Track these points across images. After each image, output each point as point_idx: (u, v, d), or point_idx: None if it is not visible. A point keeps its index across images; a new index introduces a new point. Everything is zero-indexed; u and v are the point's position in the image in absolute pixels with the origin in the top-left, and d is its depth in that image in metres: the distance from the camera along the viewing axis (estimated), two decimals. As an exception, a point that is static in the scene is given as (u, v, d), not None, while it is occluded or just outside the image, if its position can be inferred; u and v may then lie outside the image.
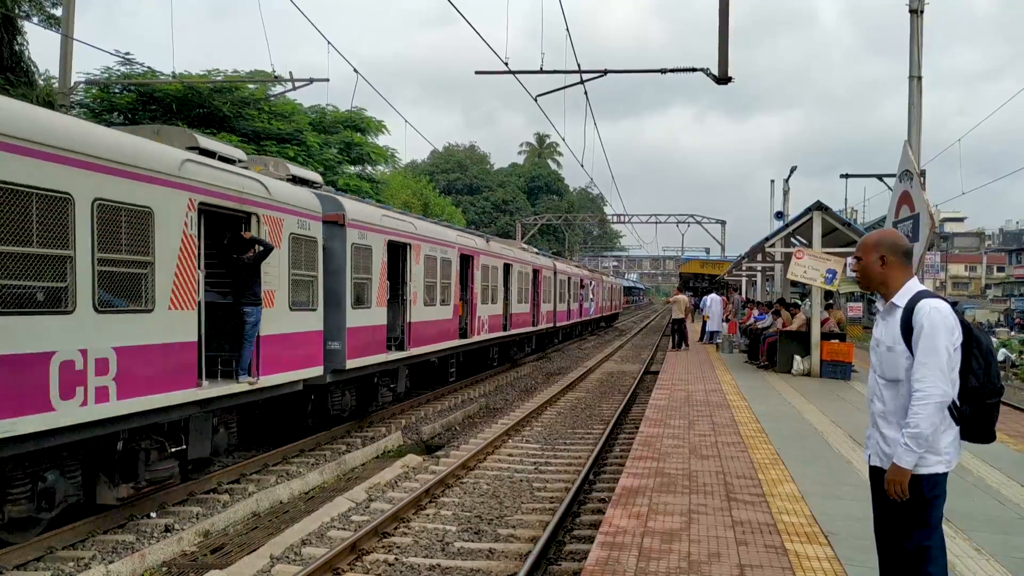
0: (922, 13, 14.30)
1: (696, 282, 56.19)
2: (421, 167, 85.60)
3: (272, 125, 26.59)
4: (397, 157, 36.35)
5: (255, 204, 10.28)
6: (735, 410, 12.62)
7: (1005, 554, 5.82)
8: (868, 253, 4.08)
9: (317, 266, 11.99)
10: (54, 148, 7.01)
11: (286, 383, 11.17)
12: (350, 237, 12.96)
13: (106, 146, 7.72)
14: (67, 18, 18.48)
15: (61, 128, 7.28)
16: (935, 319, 3.80)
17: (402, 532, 8.40)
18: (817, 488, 7.69)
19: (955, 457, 3.92)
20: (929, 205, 12.76)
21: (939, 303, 3.87)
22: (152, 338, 8.30)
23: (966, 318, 3.98)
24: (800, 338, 18.32)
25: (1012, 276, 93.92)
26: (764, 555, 5.75)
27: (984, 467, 8.62)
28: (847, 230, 18.97)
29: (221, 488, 10.07)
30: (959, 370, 3.87)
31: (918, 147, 14.12)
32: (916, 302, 3.90)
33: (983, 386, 3.85)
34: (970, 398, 3.87)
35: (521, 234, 61.90)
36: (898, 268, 4.04)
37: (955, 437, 3.91)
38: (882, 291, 4.10)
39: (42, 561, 7.40)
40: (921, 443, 3.77)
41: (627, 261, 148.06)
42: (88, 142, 7.49)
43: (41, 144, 6.89)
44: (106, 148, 7.69)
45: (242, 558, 7.50)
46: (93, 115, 24.44)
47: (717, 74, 15.50)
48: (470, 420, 16.10)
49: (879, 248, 4.05)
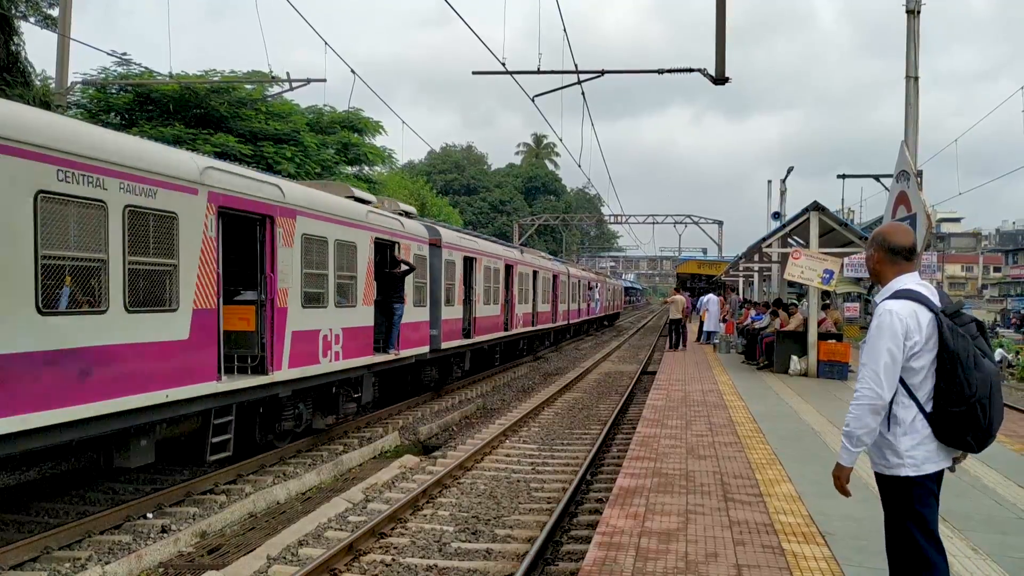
0: (919, 14, 14.32)
1: (693, 282, 56.22)
2: (418, 167, 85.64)
3: (269, 125, 26.57)
4: (394, 157, 36.30)
5: (399, 236, 15.11)
6: (732, 410, 12.62)
7: (1003, 554, 5.82)
8: (867, 248, 4.13)
9: (427, 275, 16.93)
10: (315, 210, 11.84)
11: (410, 356, 15.97)
12: (444, 255, 18.03)
13: (338, 204, 12.72)
14: (64, 18, 18.46)
15: (301, 193, 11.70)
16: (883, 321, 3.79)
17: (399, 533, 8.40)
18: (814, 488, 7.69)
19: (928, 462, 3.84)
20: (926, 205, 12.77)
21: (897, 304, 3.81)
22: (351, 322, 12.96)
23: (967, 315, 3.90)
24: (797, 338, 18.34)
25: (1008, 276, 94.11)
26: (761, 555, 5.75)
27: (981, 467, 8.62)
28: (844, 230, 18.97)
29: (218, 489, 10.05)
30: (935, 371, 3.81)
31: (915, 147, 14.13)
32: (884, 301, 3.90)
33: (948, 392, 3.76)
34: (937, 402, 3.81)
35: (518, 235, 61.91)
36: (887, 264, 4.02)
37: (922, 441, 3.83)
38: (880, 284, 4.10)
39: (38, 561, 7.38)
40: (854, 442, 3.81)
41: (624, 262, 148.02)
42: (330, 205, 12.40)
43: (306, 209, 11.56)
44: (339, 207, 12.69)
45: (239, 559, 7.49)
46: (90, 115, 24.39)
47: (714, 75, 15.52)
48: (467, 421, 16.09)
49: (872, 243, 4.09)
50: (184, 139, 23.01)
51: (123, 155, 8.00)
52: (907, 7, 14.37)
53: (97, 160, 7.58)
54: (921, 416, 3.82)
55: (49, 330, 7.06)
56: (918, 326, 3.77)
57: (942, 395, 3.78)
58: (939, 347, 3.78)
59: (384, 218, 14.49)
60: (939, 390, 3.79)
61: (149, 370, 8.29)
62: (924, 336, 3.78)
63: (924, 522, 3.85)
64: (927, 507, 3.86)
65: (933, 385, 3.81)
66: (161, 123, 24.52)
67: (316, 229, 11.65)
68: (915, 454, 3.83)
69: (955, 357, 3.74)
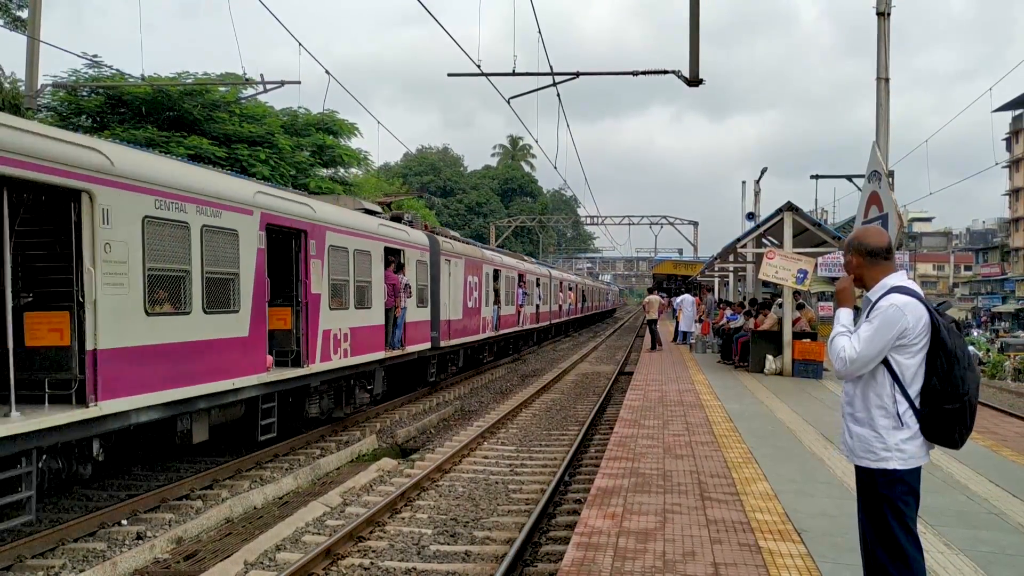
0: (889, 16, 14.50)
1: (669, 283, 56.51)
2: (394, 169, 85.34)
3: (243, 128, 26.34)
4: (370, 159, 36.16)
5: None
6: (708, 410, 12.71)
7: (974, 548, 5.91)
8: (846, 253, 4.21)
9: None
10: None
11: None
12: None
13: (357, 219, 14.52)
14: (33, 20, 18.25)
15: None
16: (888, 314, 3.87)
17: (377, 536, 8.37)
18: (790, 486, 7.76)
19: (915, 457, 3.92)
20: (897, 205, 12.93)
21: (902, 300, 3.89)
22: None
23: (948, 316, 4.00)
24: (772, 338, 18.48)
25: (979, 275, 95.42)
26: (738, 553, 5.80)
27: (953, 463, 8.74)
28: (817, 230, 19.16)
29: (194, 494, 9.97)
30: (925, 369, 3.91)
31: (886, 148, 14.30)
32: (886, 296, 3.95)
33: (944, 390, 3.85)
34: (931, 400, 3.89)
35: (495, 236, 61.89)
36: (868, 267, 4.09)
37: (913, 436, 3.91)
38: (865, 287, 4.16)
39: (11, 570, 7.28)
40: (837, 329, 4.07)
41: (601, 263, 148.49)
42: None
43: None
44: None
45: (216, 564, 7.42)
46: (60, 118, 24.09)
47: (688, 76, 15.63)
48: (445, 423, 16.07)
49: (849, 250, 4.17)
50: (157, 142, 22.77)
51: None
52: (877, 9, 14.55)
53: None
54: (911, 412, 3.91)
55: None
56: (917, 324, 3.86)
57: (935, 393, 3.87)
58: (935, 345, 3.87)
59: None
60: (932, 388, 3.88)
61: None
62: (919, 334, 3.87)
63: (904, 518, 3.91)
64: (908, 503, 3.93)
65: (923, 382, 3.90)
66: (133, 126, 24.25)
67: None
68: (906, 448, 3.91)
69: (953, 356, 3.84)
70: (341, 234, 13.46)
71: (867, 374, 3.96)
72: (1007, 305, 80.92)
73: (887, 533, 3.92)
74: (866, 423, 3.98)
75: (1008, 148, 77.54)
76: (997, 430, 11.36)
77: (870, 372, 3.95)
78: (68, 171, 7.61)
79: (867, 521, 4.03)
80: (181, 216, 9.28)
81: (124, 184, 8.35)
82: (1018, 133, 75.63)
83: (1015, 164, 76.96)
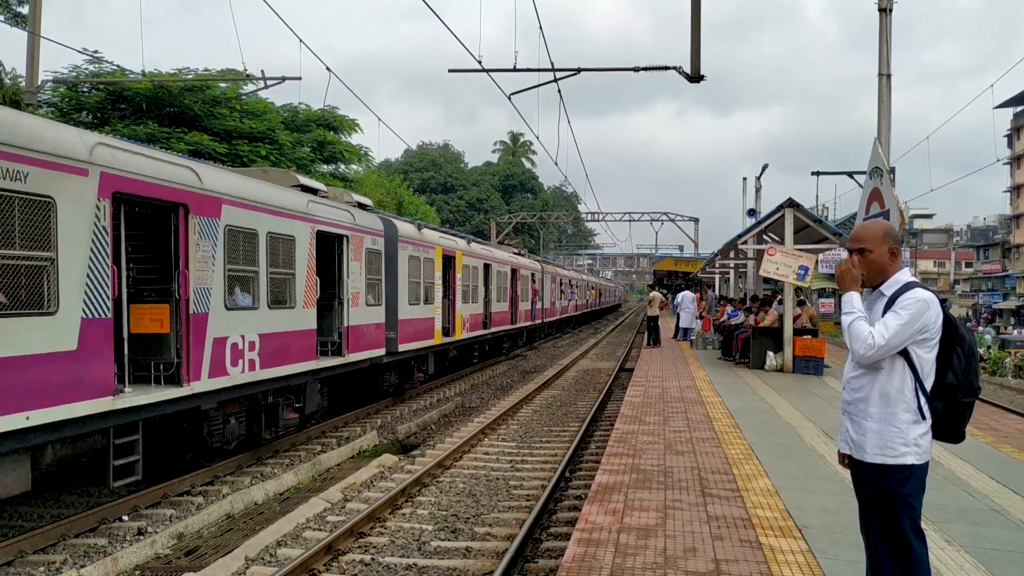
0: (890, 12, 14.48)
1: (670, 279, 56.45)
2: (395, 166, 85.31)
3: (244, 124, 26.33)
4: (370, 156, 36.18)
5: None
6: (709, 406, 12.71)
7: (975, 545, 5.91)
8: (878, 245, 4.00)
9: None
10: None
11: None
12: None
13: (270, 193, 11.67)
14: (34, 16, 18.22)
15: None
16: (918, 308, 3.82)
17: (378, 532, 8.38)
18: (790, 482, 7.76)
19: (927, 452, 3.93)
20: (898, 202, 12.92)
21: (927, 294, 3.87)
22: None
23: (952, 314, 4.00)
24: (773, 334, 18.48)
25: (980, 272, 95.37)
26: (739, 549, 5.79)
27: (954, 460, 8.74)
28: (818, 227, 19.15)
29: (194, 490, 9.98)
30: (938, 364, 3.91)
31: (887, 144, 14.29)
32: (905, 291, 3.90)
33: (960, 384, 3.87)
34: (945, 395, 3.90)
35: (495, 233, 61.86)
36: (895, 257, 4.03)
37: (927, 431, 3.92)
38: (877, 281, 4.05)
39: (12, 566, 7.29)
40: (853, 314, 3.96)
41: (601, 259, 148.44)
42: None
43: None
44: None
45: (217, 560, 7.43)
46: (61, 114, 24.07)
47: (690, 72, 15.60)
48: (446, 419, 16.07)
49: (887, 240, 4.01)
50: (158, 138, 22.77)
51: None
52: (879, 5, 14.54)
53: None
54: (929, 406, 3.91)
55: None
56: (937, 320, 3.87)
57: (952, 387, 3.90)
58: (952, 340, 3.90)
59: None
60: (946, 383, 3.90)
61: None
62: (939, 329, 3.89)
63: (914, 513, 3.90)
64: (918, 499, 3.93)
65: (936, 377, 3.92)
66: (134, 122, 24.24)
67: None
68: (922, 443, 3.91)
69: (972, 351, 3.91)
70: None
71: (884, 369, 3.91)
72: (1008, 302, 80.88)
73: (897, 530, 3.89)
74: (883, 419, 3.92)
75: (1010, 145, 77.47)
76: (998, 426, 11.36)
77: (887, 367, 3.90)
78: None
79: (876, 518, 3.98)
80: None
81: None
82: (1020, 129, 75.54)
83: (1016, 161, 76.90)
